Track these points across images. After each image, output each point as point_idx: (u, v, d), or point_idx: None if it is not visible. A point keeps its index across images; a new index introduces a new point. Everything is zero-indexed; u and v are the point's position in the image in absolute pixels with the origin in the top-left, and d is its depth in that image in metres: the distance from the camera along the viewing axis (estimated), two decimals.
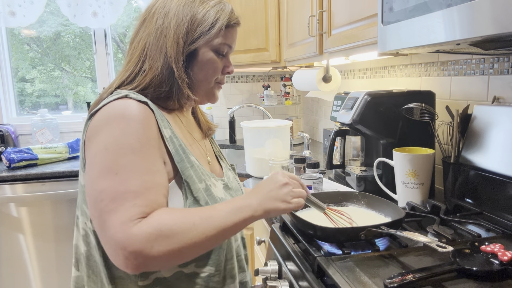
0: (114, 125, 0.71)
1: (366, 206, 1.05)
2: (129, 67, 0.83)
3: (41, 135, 2.57)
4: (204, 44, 0.83)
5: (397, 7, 0.93)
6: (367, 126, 1.29)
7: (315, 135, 2.79)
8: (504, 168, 0.97)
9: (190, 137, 0.91)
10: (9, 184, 2.03)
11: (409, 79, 1.58)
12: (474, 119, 1.10)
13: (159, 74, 0.80)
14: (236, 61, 2.49)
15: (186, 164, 0.79)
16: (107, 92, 0.82)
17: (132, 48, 0.85)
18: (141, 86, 0.81)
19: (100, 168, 0.69)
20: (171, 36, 0.80)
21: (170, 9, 0.82)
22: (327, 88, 1.96)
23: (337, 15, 1.52)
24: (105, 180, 0.68)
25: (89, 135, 0.74)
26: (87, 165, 0.73)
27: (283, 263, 0.96)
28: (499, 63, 1.14)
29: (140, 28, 0.85)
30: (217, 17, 0.83)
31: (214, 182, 0.85)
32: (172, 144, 0.78)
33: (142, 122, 0.73)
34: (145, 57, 0.82)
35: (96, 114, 0.75)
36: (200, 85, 0.87)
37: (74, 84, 2.90)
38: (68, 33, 2.81)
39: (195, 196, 0.78)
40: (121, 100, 0.74)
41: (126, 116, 0.72)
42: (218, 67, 0.87)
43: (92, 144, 0.73)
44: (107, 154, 0.69)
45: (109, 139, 0.70)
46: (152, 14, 0.84)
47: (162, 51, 0.80)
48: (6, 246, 2.09)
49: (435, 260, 0.77)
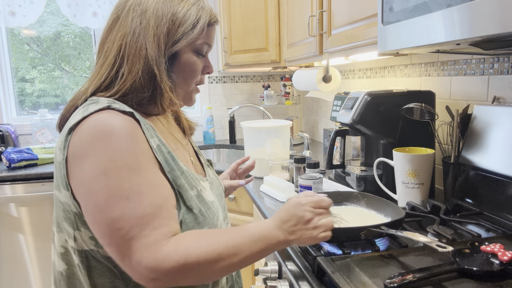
0: (104, 145, 0.67)
1: (366, 206, 1.05)
2: (104, 71, 0.77)
3: (41, 135, 2.57)
4: (186, 45, 0.79)
5: (397, 7, 0.93)
6: (367, 126, 1.29)
7: (315, 135, 2.79)
8: (504, 168, 0.97)
9: (174, 140, 0.87)
10: (9, 184, 2.03)
11: (409, 79, 1.58)
12: (474, 119, 1.10)
13: (140, 78, 0.75)
14: (236, 61, 2.49)
15: (177, 172, 0.75)
16: (81, 98, 0.76)
17: (105, 49, 0.79)
18: (120, 92, 0.75)
19: (107, 195, 0.66)
20: (151, 37, 0.75)
21: (147, 7, 0.76)
22: (327, 88, 1.96)
23: (337, 15, 1.52)
24: (118, 207, 0.66)
25: (74, 155, 0.69)
26: (82, 193, 0.69)
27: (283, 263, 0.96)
28: (499, 63, 1.14)
29: (113, 26, 0.79)
30: (199, 15, 0.79)
31: (203, 185, 0.83)
32: (161, 153, 0.74)
33: (131, 137, 0.69)
34: (122, 59, 0.76)
35: (78, 130, 0.69)
36: (179, 88, 0.82)
37: (74, 84, 2.90)
38: (68, 33, 2.81)
39: (188, 205, 0.75)
40: (104, 114, 0.69)
41: (114, 134, 0.67)
42: (198, 68, 0.83)
43: (82, 166, 0.68)
44: (107, 179, 0.66)
45: (104, 162, 0.66)
46: (127, 12, 0.78)
47: (141, 54, 0.75)
48: (6, 246, 2.09)
49: (435, 260, 0.77)
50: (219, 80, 2.96)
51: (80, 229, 0.73)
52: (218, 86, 2.97)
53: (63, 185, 0.72)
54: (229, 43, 2.49)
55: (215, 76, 2.95)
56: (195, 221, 0.75)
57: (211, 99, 2.96)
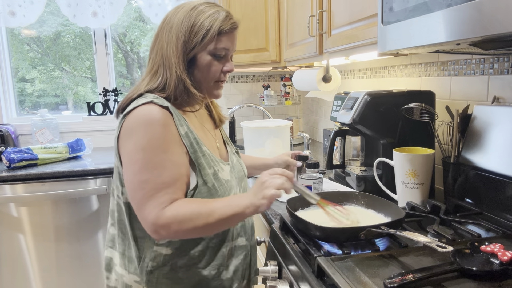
0: (145, 129, 0.90)
1: (366, 206, 1.05)
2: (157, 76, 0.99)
3: (41, 135, 2.57)
4: (200, 51, 0.98)
5: (397, 7, 0.93)
6: (367, 126, 1.29)
7: (315, 135, 2.79)
8: (504, 168, 0.97)
9: (203, 129, 1.09)
10: (9, 184, 2.03)
11: (409, 79, 1.58)
12: (474, 119, 1.10)
13: (175, 80, 0.97)
14: (236, 61, 2.49)
15: (199, 154, 0.98)
16: (136, 93, 0.98)
17: (152, 57, 1.02)
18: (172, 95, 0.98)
19: (141, 164, 0.90)
20: (174, 47, 0.97)
21: (173, 24, 0.98)
22: (327, 88, 1.96)
23: (337, 15, 1.52)
24: (146, 174, 0.89)
25: (123, 134, 0.93)
26: (126, 159, 0.92)
27: (283, 263, 0.96)
28: (499, 63, 1.14)
29: (156, 39, 1.02)
30: (210, 26, 0.97)
31: (222, 167, 1.03)
32: (187, 138, 0.97)
33: (164, 125, 0.92)
34: (164, 66, 0.98)
35: (128, 116, 0.93)
36: (201, 85, 1.02)
37: (74, 84, 2.90)
38: (68, 33, 2.81)
39: (204, 179, 0.97)
40: (147, 106, 0.92)
41: (153, 122, 0.91)
42: (216, 68, 1.01)
43: (127, 143, 0.92)
44: (145, 153, 0.90)
45: (144, 141, 0.90)
46: (163, 28, 1.01)
47: (172, 61, 0.97)
48: (6, 246, 2.10)
49: (435, 260, 0.77)
50: None
51: (124, 186, 0.97)
52: None
53: (116, 154, 0.98)
54: None
55: None
56: (208, 192, 0.97)
57: None
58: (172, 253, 0.99)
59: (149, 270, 0.99)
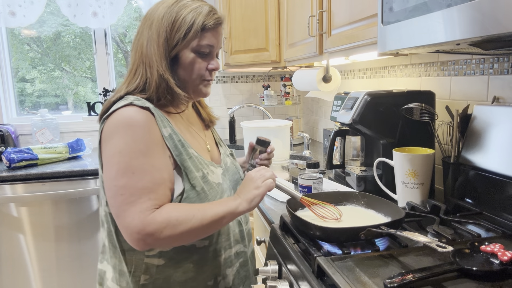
0: (124, 132, 0.85)
1: (366, 206, 1.05)
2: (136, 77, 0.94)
3: (41, 135, 2.57)
4: (183, 48, 0.92)
5: (397, 7, 0.93)
6: (367, 126, 1.29)
7: (315, 135, 2.79)
8: (504, 168, 0.97)
9: (190, 130, 1.03)
10: (9, 184, 2.03)
11: (409, 79, 1.58)
12: (474, 119, 1.10)
13: (157, 80, 0.91)
14: (236, 61, 2.49)
15: (184, 156, 0.92)
16: (116, 96, 0.93)
17: (132, 56, 0.96)
18: (154, 96, 0.92)
19: (118, 168, 0.84)
20: (155, 45, 0.91)
21: (153, 20, 0.93)
22: (327, 88, 1.96)
23: (337, 15, 1.52)
24: (124, 178, 0.83)
25: (103, 139, 0.88)
26: (105, 164, 0.87)
27: (283, 263, 0.96)
28: (499, 63, 1.14)
29: (136, 37, 0.96)
30: (193, 21, 0.91)
31: (213, 169, 0.98)
32: (171, 140, 0.91)
33: (145, 127, 0.86)
34: (144, 65, 0.92)
35: (107, 120, 0.88)
36: (186, 84, 0.97)
37: (74, 84, 2.90)
38: (68, 33, 2.81)
39: (192, 183, 0.91)
40: (127, 108, 0.87)
41: (132, 124, 0.85)
42: (201, 66, 0.95)
43: (107, 146, 0.86)
44: (122, 157, 0.84)
45: (122, 144, 0.84)
46: (142, 25, 0.95)
47: (152, 60, 0.91)
48: (6, 246, 2.10)
49: (435, 260, 0.77)
50: (219, 80, 2.96)
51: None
52: (218, 86, 2.97)
53: (100, 163, 0.92)
54: (229, 43, 2.49)
55: (215, 76, 2.95)
56: (197, 197, 0.92)
57: (211, 99, 2.96)
58: (165, 264, 0.93)
59: (142, 284, 0.92)
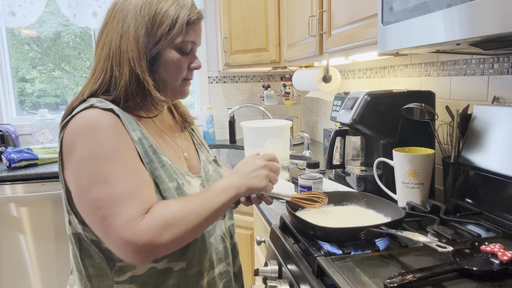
0: (85, 137, 0.74)
1: (366, 206, 1.05)
2: (97, 75, 0.83)
3: (41, 135, 2.57)
4: (166, 45, 0.82)
5: (397, 7, 0.93)
6: (367, 126, 1.29)
7: (315, 135, 2.79)
8: (504, 168, 0.97)
9: (163, 136, 0.91)
10: (9, 184, 2.03)
11: (409, 79, 1.58)
12: (474, 119, 1.10)
13: (128, 81, 0.80)
14: (236, 61, 2.49)
15: (156, 164, 0.81)
16: (77, 100, 0.82)
17: (97, 54, 0.84)
18: (119, 97, 0.81)
19: (87, 180, 0.73)
20: (131, 40, 0.80)
21: (128, 11, 0.81)
22: (327, 88, 1.96)
23: (337, 15, 1.52)
24: (97, 190, 0.72)
25: (64, 149, 0.77)
26: (72, 179, 0.76)
27: (283, 263, 0.96)
28: (499, 63, 1.14)
29: (102, 32, 0.84)
30: (177, 15, 0.81)
31: (189, 179, 0.88)
32: (141, 146, 0.81)
33: (110, 129, 0.76)
34: (112, 63, 0.81)
35: (67, 128, 0.77)
36: (166, 85, 0.86)
37: (74, 84, 2.90)
38: (68, 33, 2.81)
39: (163, 195, 0.80)
40: (86, 111, 0.76)
41: (94, 127, 0.74)
42: (183, 65, 0.86)
43: (70, 158, 0.75)
44: (88, 166, 0.73)
45: (85, 152, 0.73)
46: (113, 18, 0.83)
47: (125, 57, 0.80)
48: (6, 246, 2.09)
49: (435, 260, 0.77)
50: (219, 80, 2.96)
51: (71, 214, 0.81)
52: (218, 86, 2.97)
53: (60, 175, 0.81)
54: (229, 43, 2.49)
55: (215, 76, 2.95)
56: None
57: (211, 99, 2.96)
58: None
59: None
